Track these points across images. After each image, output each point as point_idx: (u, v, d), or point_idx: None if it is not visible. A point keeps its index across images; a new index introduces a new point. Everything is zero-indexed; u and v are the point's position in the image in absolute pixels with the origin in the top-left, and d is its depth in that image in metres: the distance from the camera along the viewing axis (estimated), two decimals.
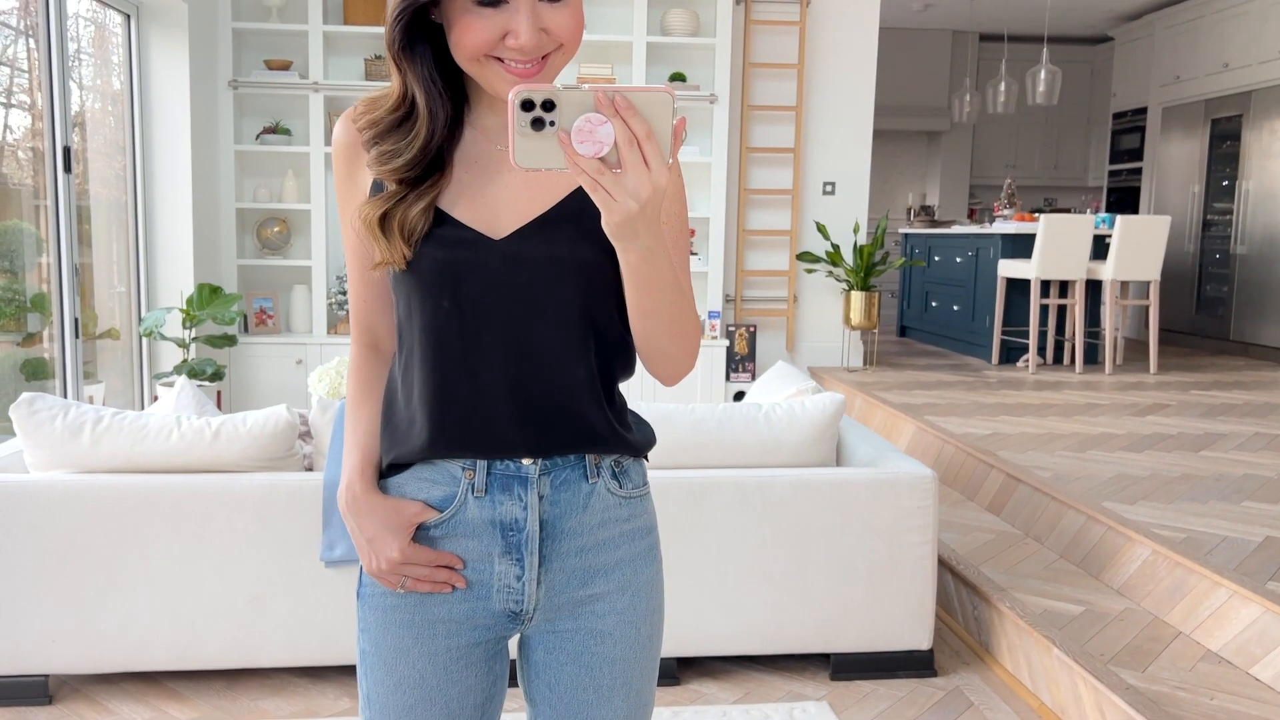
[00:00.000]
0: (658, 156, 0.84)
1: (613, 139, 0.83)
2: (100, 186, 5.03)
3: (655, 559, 1.19)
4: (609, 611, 1.14)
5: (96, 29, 4.99)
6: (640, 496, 1.17)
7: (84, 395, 4.51)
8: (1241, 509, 3.25)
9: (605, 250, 1.01)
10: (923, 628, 2.72)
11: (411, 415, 1.10)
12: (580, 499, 1.11)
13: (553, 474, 1.10)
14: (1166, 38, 8.31)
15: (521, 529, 1.10)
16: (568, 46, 1.00)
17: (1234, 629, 2.52)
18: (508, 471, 1.09)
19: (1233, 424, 4.64)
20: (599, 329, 1.08)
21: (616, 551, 1.14)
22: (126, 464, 2.52)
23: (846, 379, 5.96)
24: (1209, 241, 7.74)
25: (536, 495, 1.09)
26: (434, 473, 1.11)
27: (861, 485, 2.67)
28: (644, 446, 1.17)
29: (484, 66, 0.99)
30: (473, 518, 1.10)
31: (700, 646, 2.68)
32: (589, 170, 0.84)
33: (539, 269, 1.05)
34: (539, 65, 0.99)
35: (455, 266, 1.05)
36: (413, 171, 1.04)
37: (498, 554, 1.11)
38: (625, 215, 0.86)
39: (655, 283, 0.96)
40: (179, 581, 2.53)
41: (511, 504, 1.09)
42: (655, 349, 1.06)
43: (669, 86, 0.84)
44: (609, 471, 1.13)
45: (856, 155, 6.41)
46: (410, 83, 1.04)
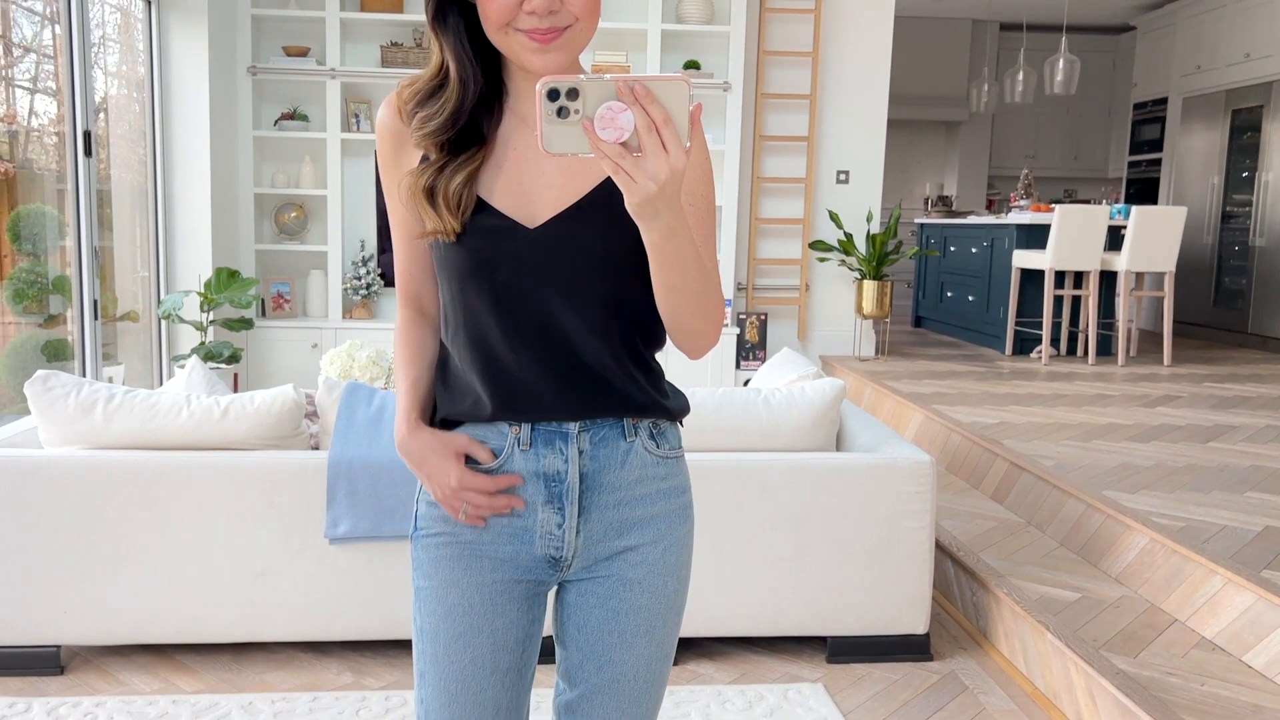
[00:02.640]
0: (675, 141, 0.91)
1: (633, 125, 0.90)
2: (124, 171, 5.11)
3: (688, 518, 1.27)
4: (641, 561, 1.22)
5: (122, 15, 5.06)
6: (676, 458, 1.25)
7: (103, 376, 4.59)
8: (1244, 499, 3.25)
9: (634, 236, 1.08)
10: (919, 612, 2.75)
11: (464, 383, 1.20)
12: (619, 455, 1.20)
13: (592, 431, 1.20)
14: (1188, 27, 8.24)
15: (563, 480, 1.19)
16: (584, 21, 1.08)
17: (1228, 616, 2.54)
18: (550, 428, 1.19)
19: (1244, 416, 4.63)
20: (627, 310, 1.17)
21: (652, 507, 1.23)
22: (137, 441, 2.58)
23: (857, 368, 5.97)
24: (1228, 233, 7.68)
25: (577, 450, 1.19)
26: (484, 430, 1.21)
27: (860, 470, 2.70)
28: (679, 412, 1.25)
29: (509, 38, 1.08)
30: (518, 468, 1.20)
31: (698, 627, 2.72)
32: (611, 154, 0.91)
33: (570, 257, 1.14)
34: (556, 33, 1.07)
35: (492, 254, 1.14)
36: (446, 134, 1.14)
37: (541, 502, 1.20)
38: (645, 196, 0.93)
39: (677, 259, 1.03)
40: (187, 556, 2.59)
41: (554, 457, 1.19)
42: (680, 324, 1.14)
43: (685, 75, 0.91)
44: (646, 432, 1.22)
45: (870, 144, 6.40)
46: (445, 52, 1.15)
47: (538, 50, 1.07)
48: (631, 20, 5.89)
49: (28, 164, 4.48)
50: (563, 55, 1.08)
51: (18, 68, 4.51)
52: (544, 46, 1.07)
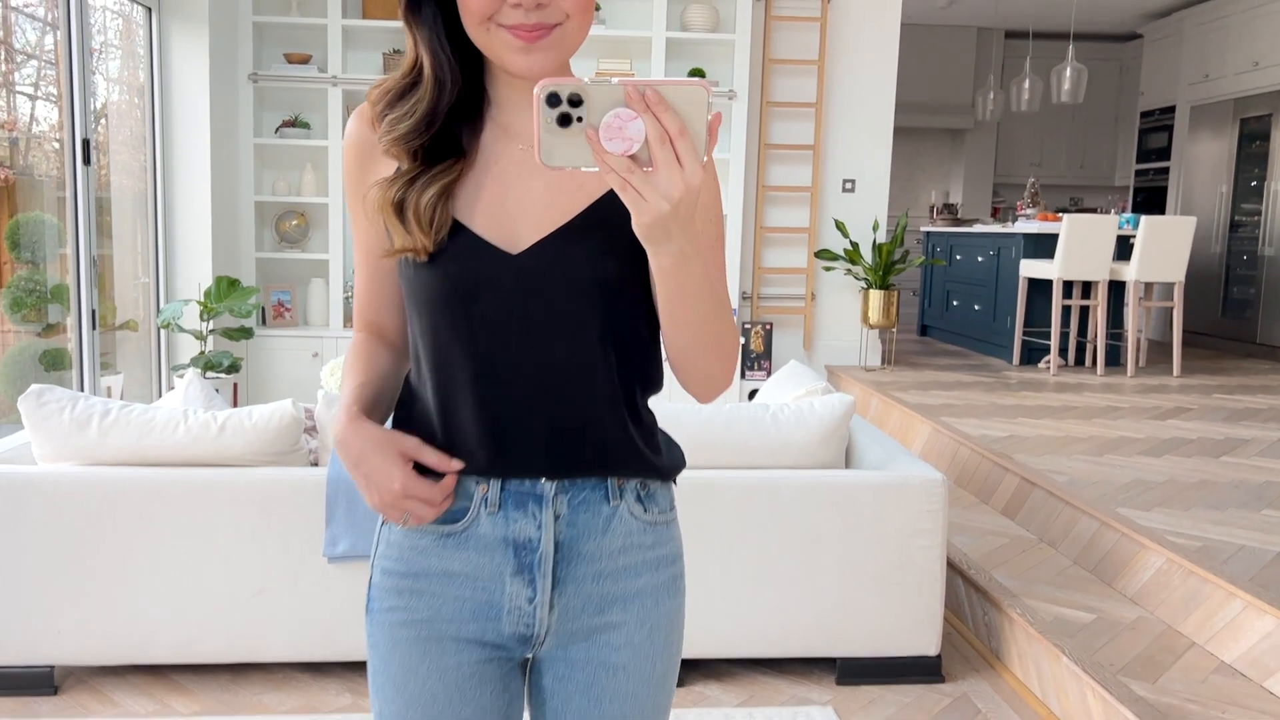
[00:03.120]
0: (691, 154, 0.80)
1: (643, 135, 0.79)
2: (124, 177, 5.06)
3: (678, 591, 1.13)
4: (624, 643, 1.08)
5: (124, 22, 5.02)
6: (666, 523, 1.11)
7: (101, 386, 4.54)
8: (1261, 517, 3.19)
9: (631, 263, 0.99)
10: (931, 633, 2.69)
11: (427, 430, 1.06)
12: (600, 521, 1.06)
13: (571, 493, 1.05)
14: (1196, 35, 8.20)
15: (535, 549, 1.05)
16: (575, 19, 0.96)
17: (1248, 641, 2.48)
18: (523, 488, 1.05)
19: (1256, 429, 4.57)
20: (622, 347, 1.04)
21: (637, 580, 1.09)
22: (133, 457, 2.53)
23: (864, 378, 5.91)
24: (1236, 243, 7.62)
25: (552, 514, 1.04)
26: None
27: (870, 488, 2.64)
28: (672, 470, 1.11)
29: (491, 35, 0.96)
30: (485, 532, 1.05)
31: (705, 649, 2.66)
32: (618, 169, 0.80)
33: (557, 286, 1.00)
34: (543, 31, 0.95)
35: (469, 283, 1.01)
36: (419, 139, 1.01)
37: (509, 573, 1.06)
38: (656, 216, 0.82)
39: (689, 289, 0.92)
40: (184, 575, 2.54)
41: (525, 521, 1.05)
42: (690, 363, 1.02)
43: (704, 80, 0.79)
44: (633, 494, 1.08)
45: (877, 153, 6.35)
46: (419, 46, 1.02)
47: (522, 49, 0.95)
48: (636, 28, 5.85)
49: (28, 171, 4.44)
50: (550, 56, 0.96)
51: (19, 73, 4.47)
52: (529, 45, 0.95)
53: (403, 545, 1.08)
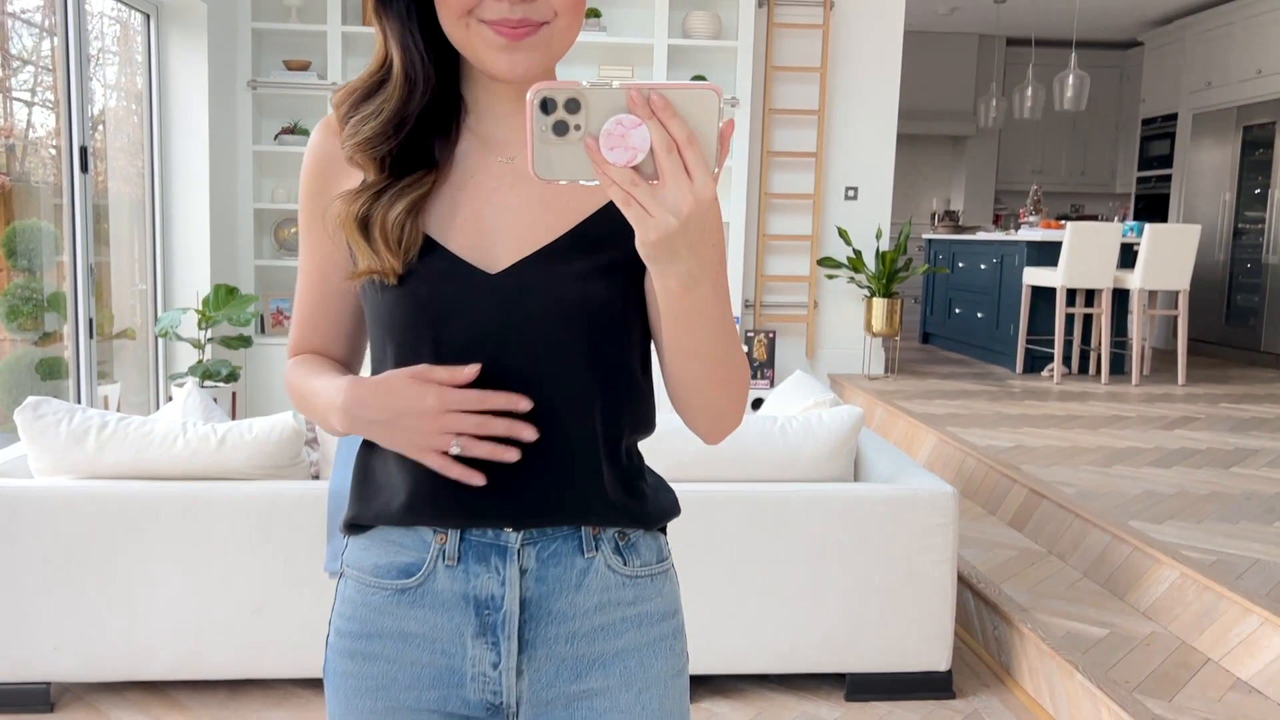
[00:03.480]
0: (701, 164, 0.71)
1: (648, 144, 0.71)
2: (123, 184, 5.02)
3: (672, 650, 1.00)
4: (611, 710, 0.96)
5: (122, 28, 4.98)
6: (652, 576, 0.99)
7: (99, 395, 4.50)
8: (1274, 530, 3.15)
9: (623, 287, 0.91)
10: (941, 648, 2.65)
11: (381, 474, 0.96)
12: (573, 576, 0.95)
13: (539, 545, 0.94)
14: (1198, 43, 8.18)
15: (498, 607, 0.94)
16: (564, 19, 0.87)
17: (1265, 658, 2.44)
18: (484, 539, 0.94)
19: (1264, 439, 4.53)
20: (609, 381, 0.94)
21: (617, 640, 0.97)
22: (131, 470, 2.48)
23: (867, 387, 5.87)
24: (1240, 250, 7.60)
25: (517, 569, 0.93)
26: (402, 535, 0.96)
27: (880, 502, 2.60)
28: (657, 519, 0.99)
29: (470, 32, 0.86)
30: (442, 589, 0.94)
31: (713, 664, 2.62)
32: (620, 181, 0.71)
33: (539, 310, 0.90)
34: (529, 29, 0.85)
35: (439, 306, 0.90)
36: (386, 144, 0.91)
37: (470, 634, 0.94)
38: (663, 234, 0.73)
39: (698, 315, 0.82)
40: (183, 590, 2.49)
41: (487, 577, 0.94)
42: (696, 399, 0.91)
43: (714, 84, 0.71)
44: (610, 545, 0.96)
45: (880, 160, 6.32)
46: (388, 41, 0.92)
47: (505, 48, 0.85)
48: (638, 35, 5.82)
49: (24, 177, 4.40)
50: (535, 57, 0.86)
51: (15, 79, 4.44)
52: (513, 43, 0.85)
53: (356, 602, 0.98)
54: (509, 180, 0.94)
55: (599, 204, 0.92)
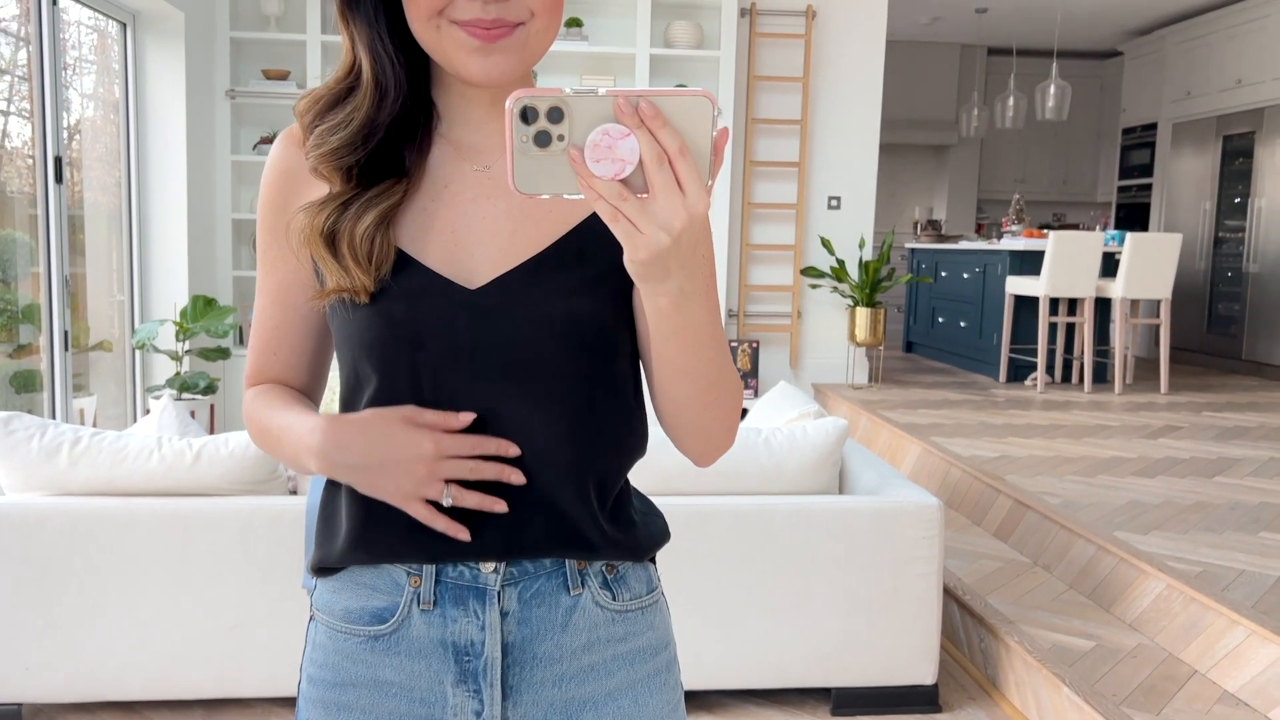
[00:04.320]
0: (694, 177, 0.66)
1: (637, 156, 0.66)
2: (100, 195, 4.96)
3: (667, 684, 0.95)
4: None
5: (99, 36, 4.93)
6: (642, 609, 0.93)
7: (74, 409, 4.44)
8: (1259, 540, 3.14)
9: (610, 303, 0.87)
10: (927, 662, 2.63)
11: (349, 510, 0.90)
12: (558, 616, 0.89)
13: (521, 584, 0.88)
14: (1178, 53, 8.23)
15: (479, 654, 0.88)
16: (541, 19, 0.82)
17: (1252, 670, 2.42)
18: (461, 580, 0.88)
19: (1247, 448, 4.54)
20: (595, 402, 0.89)
21: (609, 680, 0.91)
22: (105, 487, 2.44)
23: (851, 396, 5.86)
24: (1220, 259, 7.64)
25: (498, 612, 0.88)
26: (374, 577, 0.90)
27: (865, 514, 2.58)
28: (646, 549, 0.94)
29: (442, 34, 0.81)
30: (418, 634, 0.89)
31: (697, 680, 2.58)
32: (608, 195, 0.66)
33: (521, 328, 0.85)
34: (504, 30, 0.81)
35: (415, 325, 0.85)
36: (354, 155, 0.86)
37: (450, 682, 0.89)
38: (654, 251, 0.68)
39: (688, 334, 0.78)
40: (158, 608, 2.44)
41: (466, 621, 0.88)
42: (688, 420, 0.86)
43: (707, 91, 0.66)
44: (598, 579, 0.91)
45: (862, 169, 6.32)
46: (356, 46, 0.87)
47: (479, 50, 0.81)
48: (620, 45, 5.81)
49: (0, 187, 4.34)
50: (511, 60, 0.82)
51: None
52: (487, 45, 0.80)
53: (328, 649, 0.92)
54: (486, 190, 0.89)
55: (585, 213, 0.88)
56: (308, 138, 0.88)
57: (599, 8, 5.86)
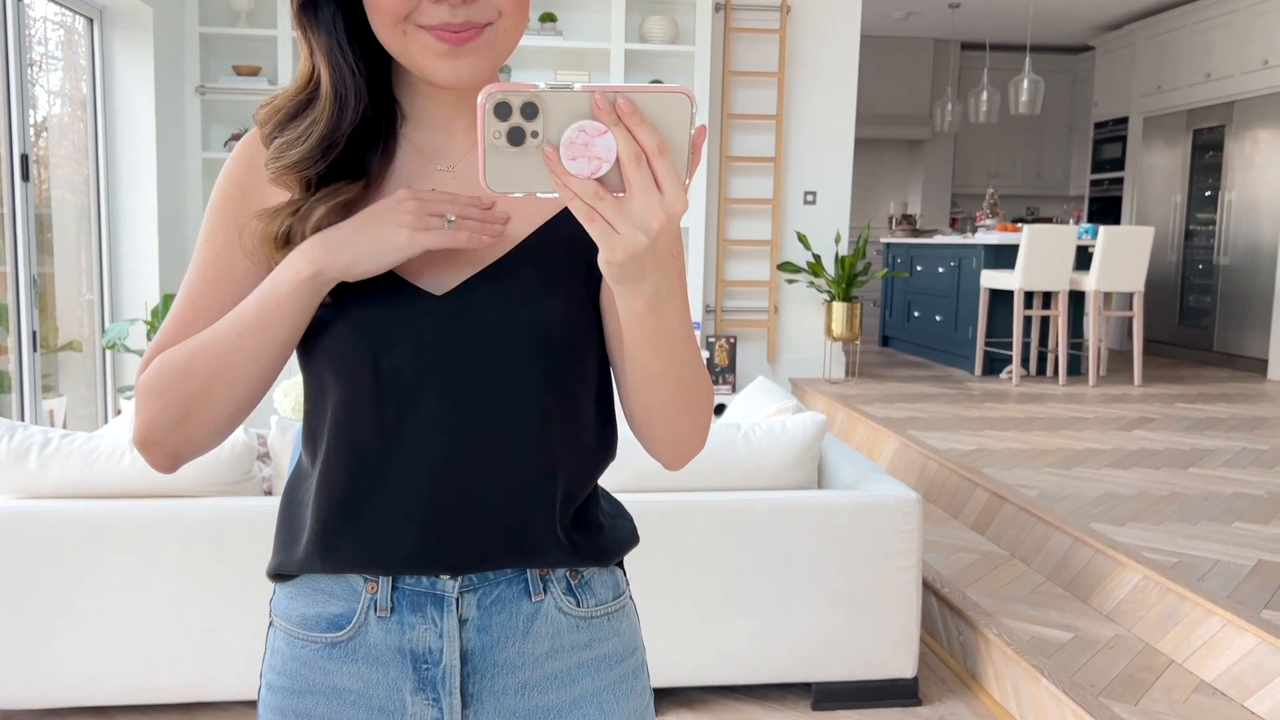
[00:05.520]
0: (672, 176, 0.64)
1: (614, 154, 0.64)
2: (68, 193, 4.89)
3: (634, 691, 0.93)
4: None
5: (65, 32, 4.86)
6: (608, 615, 0.92)
7: (44, 410, 4.37)
8: (1233, 530, 3.17)
9: (577, 305, 0.85)
10: (907, 655, 2.63)
11: (308, 516, 0.87)
12: (519, 623, 0.87)
13: (480, 591, 0.86)
14: (1148, 48, 8.29)
15: (437, 661, 0.86)
16: (508, 19, 0.81)
17: (1228, 659, 2.44)
18: (418, 587, 0.86)
19: (1220, 439, 4.58)
20: (564, 408, 0.87)
21: (573, 687, 0.89)
22: (76, 489, 2.40)
23: (828, 391, 5.87)
24: (1192, 252, 7.71)
25: (456, 619, 0.86)
26: (331, 583, 0.88)
27: (844, 509, 2.58)
28: (612, 554, 0.92)
29: (408, 39, 0.80)
30: (375, 641, 0.87)
31: (677, 676, 2.58)
32: (583, 194, 0.64)
33: (489, 333, 0.83)
34: (473, 32, 0.79)
35: (379, 331, 0.83)
36: (314, 167, 0.83)
37: (409, 690, 0.87)
38: (631, 251, 0.66)
39: (663, 336, 0.76)
40: (131, 612, 2.41)
41: (423, 629, 0.86)
42: (658, 424, 0.85)
43: (685, 87, 0.65)
44: (561, 585, 0.89)
45: (838, 165, 6.33)
46: (315, 55, 0.84)
47: (447, 54, 0.79)
48: (594, 40, 5.78)
49: None
50: (480, 61, 0.80)
51: None
52: (456, 48, 0.79)
53: (285, 655, 0.90)
54: (451, 191, 0.87)
55: (550, 214, 0.87)
56: (267, 145, 0.86)
57: (573, 3, 5.84)
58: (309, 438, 0.89)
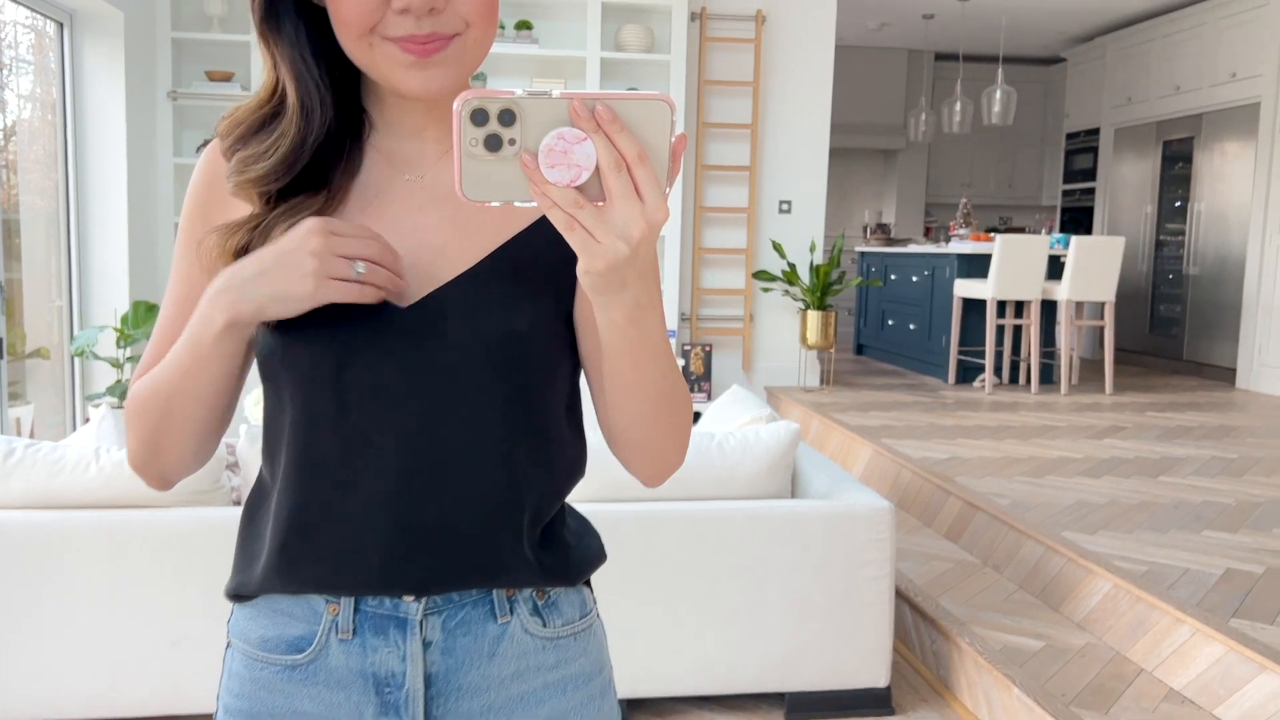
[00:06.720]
0: (653, 183, 0.63)
1: (594, 162, 0.63)
2: (38, 198, 4.84)
3: (603, 710, 0.92)
4: None
5: (36, 35, 4.81)
6: (575, 634, 0.90)
7: (10, 418, 4.31)
8: (1202, 539, 3.20)
9: (547, 319, 0.83)
10: (880, 665, 2.63)
11: (268, 536, 0.86)
12: (485, 645, 0.86)
13: (445, 613, 0.85)
14: (1118, 60, 8.38)
15: (400, 685, 0.84)
16: (476, 29, 0.79)
17: (1197, 668, 2.46)
18: (381, 609, 0.84)
19: (1189, 447, 4.62)
20: (530, 427, 0.85)
21: (540, 709, 0.88)
22: (40, 500, 2.36)
23: (803, 399, 5.89)
24: (1162, 262, 7.79)
25: (419, 642, 0.84)
26: (292, 605, 0.86)
27: (817, 518, 2.58)
28: (579, 573, 0.90)
29: (375, 51, 0.78)
30: (337, 664, 0.85)
31: (650, 687, 2.57)
32: (563, 203, 0.63)
33: (456, 347, 0.81)
34: (440, 43, 0.77)
35: (340, 346, 0.80)
36: (278, 183, 0.81)
37: (371, 714, 0.85)
38: (612, 261, 0.65)
39: (643, 348, 0.75)
40: (97, 623, 2.37)
41: (386, 651, 0.84)
42: (638, 439, 0.83)
43: (664, 94, 0.64)
44: (527, 606, 0.87)
45: (813, 174, 6.36)
46: (279, 67, 0.82)
47: (415, 65, 0.77)
48: (569, 47, 5.78)
49: None
50: (449, 72, 0.79)
51: None
52: (423, 60, 0.77)
53: (244, 678, 0.88)
54: (419, 201, 0.85)
55: (520, 225, 0.85)
56: (228, 159, 0.84)
57: (549, 11, 5.83)
58: (267, 453, 0.87)
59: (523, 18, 5.77)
